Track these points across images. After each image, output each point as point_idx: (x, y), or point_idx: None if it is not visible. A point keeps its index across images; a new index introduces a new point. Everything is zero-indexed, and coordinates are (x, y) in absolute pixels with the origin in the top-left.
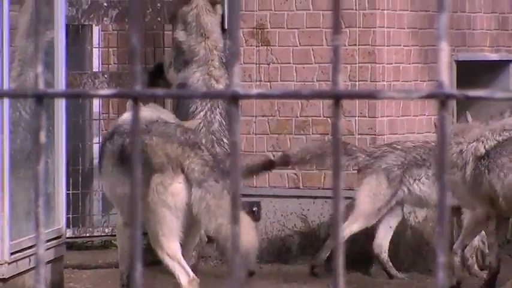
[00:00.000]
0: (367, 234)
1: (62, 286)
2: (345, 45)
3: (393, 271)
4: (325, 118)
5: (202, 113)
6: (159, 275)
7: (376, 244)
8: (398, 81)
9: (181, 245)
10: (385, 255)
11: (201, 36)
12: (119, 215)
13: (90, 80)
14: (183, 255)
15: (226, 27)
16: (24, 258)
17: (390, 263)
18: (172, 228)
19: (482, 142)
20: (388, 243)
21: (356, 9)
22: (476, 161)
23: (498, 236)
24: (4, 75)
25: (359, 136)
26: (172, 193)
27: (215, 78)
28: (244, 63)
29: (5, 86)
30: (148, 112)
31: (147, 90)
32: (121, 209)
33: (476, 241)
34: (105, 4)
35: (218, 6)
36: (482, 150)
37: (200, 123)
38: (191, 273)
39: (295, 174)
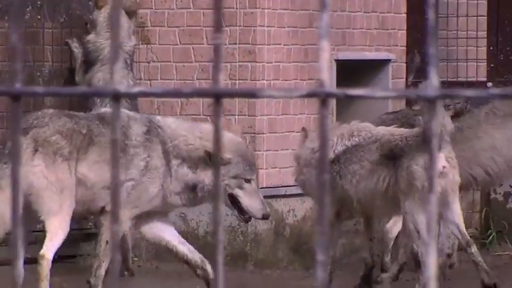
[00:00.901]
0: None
1: None
2: (226, 44)
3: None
4: (205, 116)
5: None
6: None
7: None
8: (279, 80)
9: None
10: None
11: (108, 33)
12: None
13: None
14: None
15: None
16: None
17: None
18: None
19: (332, 147)
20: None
21: (237, 8)
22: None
23: (368, 231)
24: None
25: None
26: None
27: None
28: None
29: None
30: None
31: (28, 88)
32: None
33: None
34: None
35: (134, 18)
36: (331, 155)
37: None
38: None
39: None
